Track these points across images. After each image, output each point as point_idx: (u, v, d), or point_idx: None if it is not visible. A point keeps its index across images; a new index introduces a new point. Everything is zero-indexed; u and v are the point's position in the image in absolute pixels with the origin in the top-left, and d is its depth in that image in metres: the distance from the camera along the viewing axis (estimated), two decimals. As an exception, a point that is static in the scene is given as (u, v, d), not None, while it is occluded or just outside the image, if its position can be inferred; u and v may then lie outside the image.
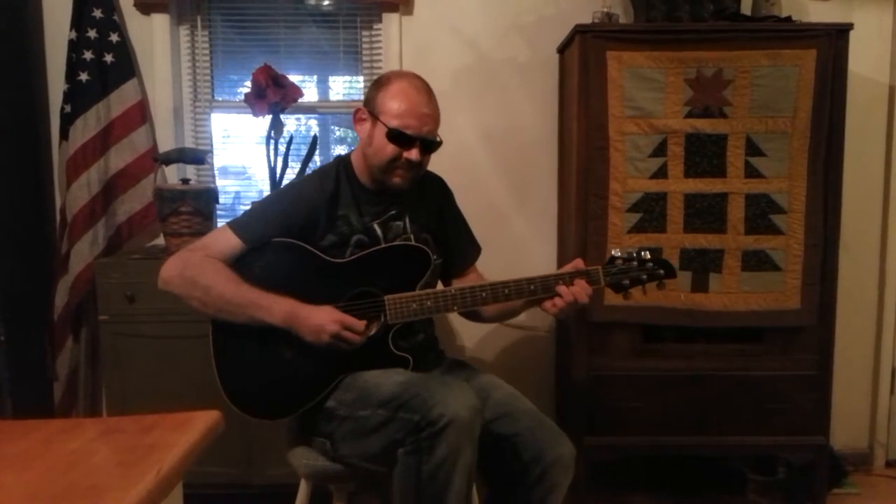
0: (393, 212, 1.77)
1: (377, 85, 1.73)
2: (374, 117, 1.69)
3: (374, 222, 1.74)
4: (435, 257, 1.74)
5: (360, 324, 1.59)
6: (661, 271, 1.65)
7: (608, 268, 1.65)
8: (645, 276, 1.65)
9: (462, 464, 1.43)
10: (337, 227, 1.71)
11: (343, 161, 1.80)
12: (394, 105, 1.66)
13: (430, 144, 1.71)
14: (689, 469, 2.69)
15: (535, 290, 1.63)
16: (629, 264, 1.65)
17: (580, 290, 1.61)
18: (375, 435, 1.52)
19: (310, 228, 1.68)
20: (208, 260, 1.61)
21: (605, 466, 2.61)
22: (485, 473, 1.65)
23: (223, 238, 1.66)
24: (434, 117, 1.70)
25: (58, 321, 2.60)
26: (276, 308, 1.57)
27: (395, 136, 1.66)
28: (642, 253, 1.66)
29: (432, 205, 1.86)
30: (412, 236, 1.77)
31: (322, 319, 1.56)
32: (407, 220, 1.78)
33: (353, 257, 1.68)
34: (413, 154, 1.67)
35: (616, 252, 1.67)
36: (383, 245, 1.72)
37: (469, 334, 2.79)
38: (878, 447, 2.84)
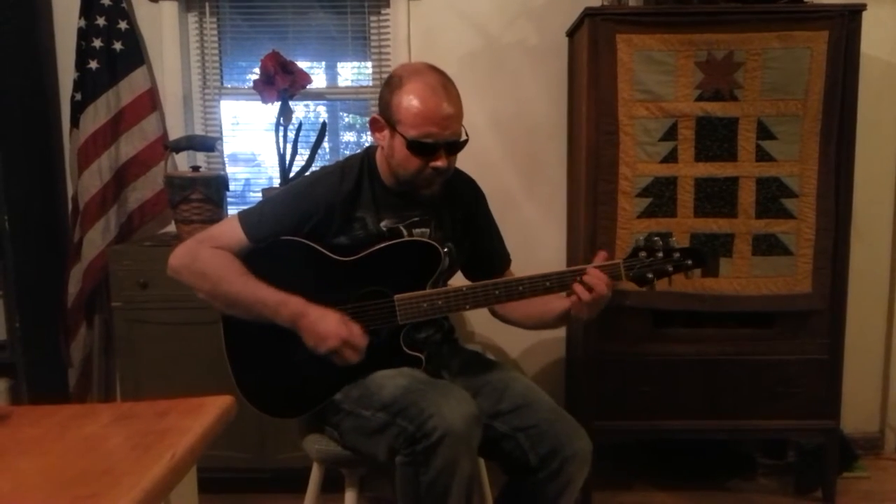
0: (416, 217, 1.69)
1: (389, 87, 1.60)
2: (392, 127, 1.59)
3: (398, 224, 1.67)
4: (445, 251, 1.66)
5: (362, 341, 1.53)
6: (689, 261, 1.56)
7: (630, 261, 1.57)
8: (671, 268, 1.56)
9: (460, 475, 1.42)
10: (353, 230, 1.65)
11: (369, 157, 1.70)
12: (410, 112, 1.54)
13: (455, 146, 1.60)
14: (699, 453, 2.70)
15: (550, 287, 1.57)
16: (654, 256, 1.56)
17: (597, 281, 1.52)
18: (377, 437, 1.51)
19: (323, 227, 1.63)
20: (218, 253, 1.59)
21: (614, 450, 2.62)
22: (501, 464, 1.65)
23: (232, 231, 1.62)
24: (456, 116, 1.57)
25: (71, 308, 2.62)
26: (283, 310, 1.53)
27: (416, 147, 1.56)
28: (670, 241, 1.57)
29: (460, 211, 1.77)
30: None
31: (326, 331, 1.50)
32: (432, 227, 1.71)
33: (360, 255, 1.62)
34: (440, 162, 1.57)
35: (640, 242, 1.58)
36: (389, 242, 1.63)
37: (479, 320, 2.79)
38: (889, 431, 2.83)
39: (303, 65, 2.55)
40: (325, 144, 2.75)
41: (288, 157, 2.50)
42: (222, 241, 1.61)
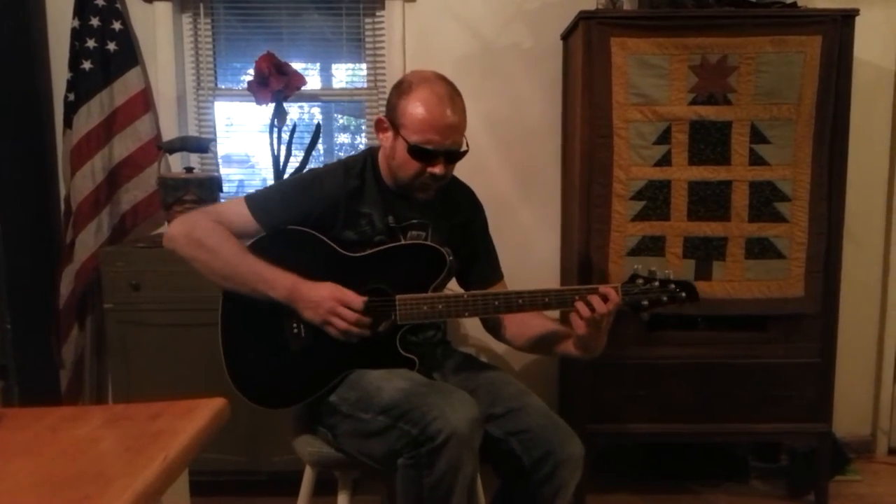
0: (415, 220, 1.72)
1: (398, 92, 1.64)
2: (396, 129, 1.63)
3: (396, 225, 1.70)
4: (451, 258, 1.68)
5: (358, 301, 1.55)
6: (683, 294, 1.59)
7: (627, 286, 1.58)
8: (665, 298, 1.58)
9: (463, 476, 1.43)
10: (359, 226, 1.67)
11: (371, 157, 1.74)
12: (414, 118, 1.59)
13: (454, 155, 1.65)
14: (692, 456, 2.70)
15: (548, 303, 1.59)
16: (650, 284, 1.58)
17: (598, 301, 1.52)
18: (377, 439, 1.51)
19: (327, 221, 1.64)
20: (218, 226, 1.60)
21: (607, 453, 2.62)
22: (494, 468, 1.65)
23: (238, 212, 1.63)
24: (458, 126, 1.62)
25: (63, 309, 2.61)
26: (279, 283, 1.55)
27: (416, 152, 1.60)
28: (666, 273, 1.60)
29: (457, 218, 1.80)
30: None
31: (321, 295, 1.54)
32: (430, 231, 1.74)
33: (367, 253, 1.65)
34: (438, 169, 1.61)
35: (637, 270, 1.61)
36: (399, 243, 1.68)
37: (474, 323, 2.78)
38: (881, 434, 2.84)
39: (297, 66, 2.54)
40: (320, 146, 2.74)
41: (282, 159, 2.50)
42: (225, 218, 1.62)
